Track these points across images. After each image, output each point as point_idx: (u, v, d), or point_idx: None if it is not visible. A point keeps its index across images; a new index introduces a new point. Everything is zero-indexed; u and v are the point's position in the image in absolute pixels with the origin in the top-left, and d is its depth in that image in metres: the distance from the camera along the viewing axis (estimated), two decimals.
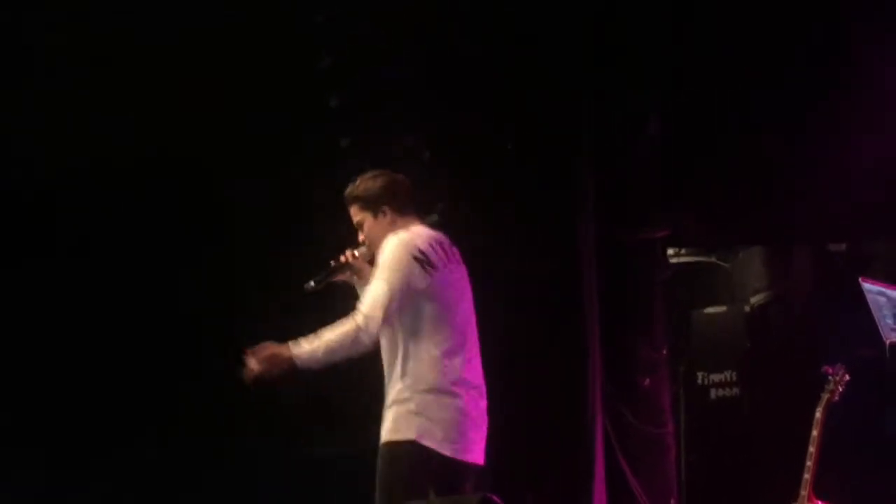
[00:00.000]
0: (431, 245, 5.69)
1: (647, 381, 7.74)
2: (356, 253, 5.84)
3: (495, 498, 4.13)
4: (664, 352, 7.83)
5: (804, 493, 6.26)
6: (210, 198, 8.36)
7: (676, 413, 7.92)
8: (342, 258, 5.84)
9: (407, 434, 5.47)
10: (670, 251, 8.04)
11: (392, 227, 5.75)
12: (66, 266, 8.51)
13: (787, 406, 7.36)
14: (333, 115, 7.86)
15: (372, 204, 5.78)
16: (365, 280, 5.77)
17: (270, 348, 5.57)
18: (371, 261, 5.78)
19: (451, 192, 7.31)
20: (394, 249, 5.63)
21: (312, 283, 5.81)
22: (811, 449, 6.29)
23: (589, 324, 7.48)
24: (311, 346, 5.51)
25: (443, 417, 5.50)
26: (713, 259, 8.18)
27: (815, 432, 6.33)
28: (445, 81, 7.69)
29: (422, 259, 5.61)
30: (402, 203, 5.82)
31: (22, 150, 8.28)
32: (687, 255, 8.16)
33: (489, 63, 7.58)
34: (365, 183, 5.85)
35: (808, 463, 6.28)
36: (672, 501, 7.69)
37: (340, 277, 5.88)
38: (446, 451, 5.48)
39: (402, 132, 7.61)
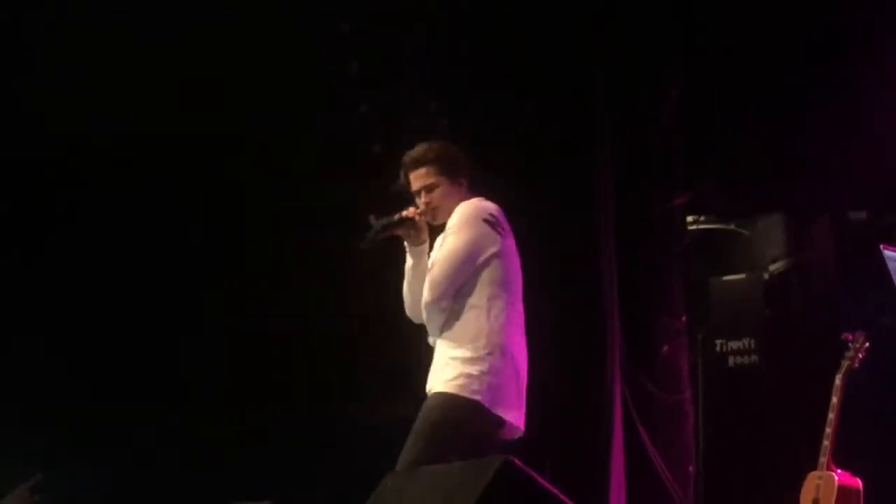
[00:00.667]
0: (501, 212, 5.72)
1: (666, 348, 7.75)
2: (419, 211, 5.78)
3: (516, 461, 4.14)
4: (683, 319, 7.82)
5: (823, 459, 6.28)
6: (233, 163, 8.39)
7: (694, 381, 7.93)
8: (406, 213, 5.76)
9: (472, 394, 5.46)
10: (689, 218, 8.04)
11: (463, 199, 5.74)
12: (92, 237, 8.55)
13: (806, 373, 7.38)
14: (352, 82, 7.86)
15: (450, 170, 5.76)
16: (419, 241, 5.77)
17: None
18: (430, 224, 5.80)
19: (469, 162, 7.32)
20: (466, 211, 5.65)
21: (372, 232, 5.74)
22: (830, 416, 6.31)
23: (608, 291, 7.48)
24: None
25: (508, 383, 5.53)
26: (732, 227, 8.16)
27: (834, 399, 6.34)
28: (464, 49, 7.68)
29: (492, 221, 5.63)
30: (468, 175, 5.83)
31: (48, 121, 8.31)
32: (706, 222, 8.15)
33: (508, 32, 7.56)
34: (445, 148, 5.83)
35: (828, 430, 6.30)
36: (690, 468, 7.71)
37: (399, 232, 5.81)
38: (509, 417, 5.52)
39: (420, 100, 7.61)
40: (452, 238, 5.63)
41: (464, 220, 5.64)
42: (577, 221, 7.50)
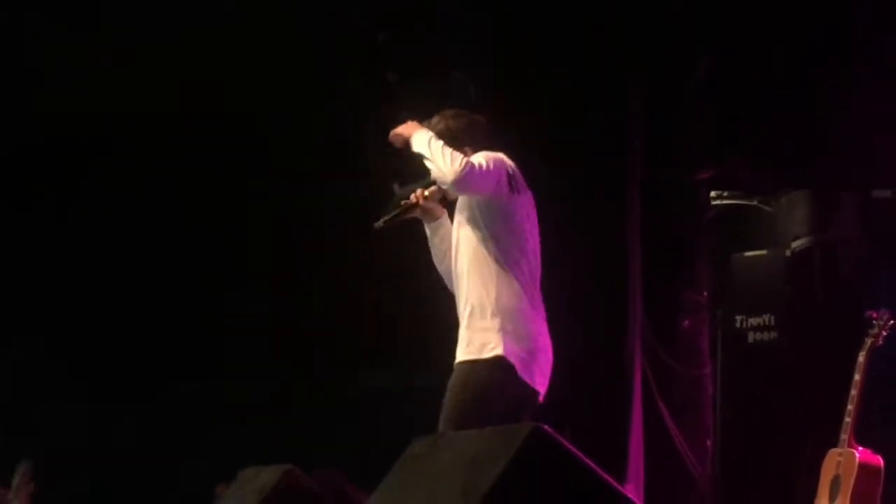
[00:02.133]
0: (518, 170, 5.64)
1: (687, 322, 7.74)
2: (426, 193, 5.74)
3: (546, 427, 4.12)
4: (704, 294, 7.81)
5: (845, 437, 6.25)
6: (259, 136, 8.38)
7: (714, 356, 7.91)
8: (412, 198, 5.74)
9: (491, 351, 5.43)
10: (713, 193, 8.01)
11: None
12: (123, 204, 8.58)
13: (827, 351, 7.35)
14: (381, 50, 7.84)
15: (454, 141, 5.64)
16: (435, 219, 5.76)
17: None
18: (442, 200, 5.74)
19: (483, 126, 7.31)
20: (488, 154, 5.54)
21: (381, 223, 5.76)
22: (853, 393, 6.28)
23: (630, 264, 7.47)
24: (437, 145, 5.51)
25: (525, 345, 5.49)
26: (755, 202, 8.11)
27: (857, 376, 6.31)
28: (495, 19, 7.66)
29: (510, 174, 5.55)
30: (482, 145, 5.70)
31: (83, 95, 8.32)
32: (729, 197, 8.11)
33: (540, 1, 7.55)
34: (446, 121, 5.74)
35: (850, 407, 6.27)
36: (708, 443, 7.71)
37: (410, 216, 5.80)
38: (527, 378, 5.47)
39: (450, 68, 7.59)
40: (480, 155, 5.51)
41: (485, 156, 5.51)
42: (601, 193, 7.50)
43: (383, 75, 7.57)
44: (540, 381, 5.56)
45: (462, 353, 5.58)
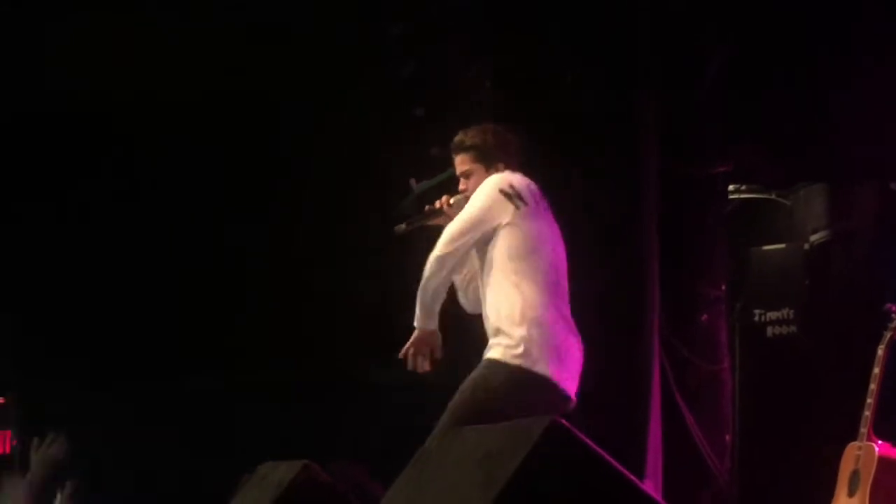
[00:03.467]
0: (528, 186, 5.67)
1: (705, 316, 7.71)
2: (451, 201, 5.81)
3: (563, 422, 4.11)
4: (722, 288, 7.79)
5: (864, 430, 6.24)
6: (271, 131, 8.39)
7: (732, 350, 7.89)
8: (437, 204, 5.82)
9: (512, 359, 5.47)
10: (730, 187, 7.99)
11: None
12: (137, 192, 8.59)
13: (845, 344, 7.34)
14: (395, 45, 7.85)
15: (487, 157, 5.74)
16: None
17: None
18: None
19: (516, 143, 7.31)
20: (486, 182, 5.65)
21: (404, 226, 5.81)
22: (872, 386, 6.27)
23: (648, 258, 7.45)
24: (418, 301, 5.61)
25: (545, 349, 5.50)
26: (773, 196, 8.10)
27: (876, 370, 6.30)
28: (506, 11, 7.64)
29: (508, 193, 5.58)
30: (513, 161, 5.77)
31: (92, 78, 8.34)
32: (747, 191, 8.10)
33: None
34: (481, 135, 5.79)
35: (869, 400, 6.26)
36: (727, 438, 7.68)
37: (433, 222, 5.85)
38: (553, 375, 5.50)
39: (463, 62, 7.58)
40: (468, 204, 5.64)
41: (480, 189, 5.64)
42: (619, 187, 7.47)
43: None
44: (570, 386, 5.58)
45: (488, 352, 5.61)
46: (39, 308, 8.76)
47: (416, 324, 5.66)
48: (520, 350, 5.47)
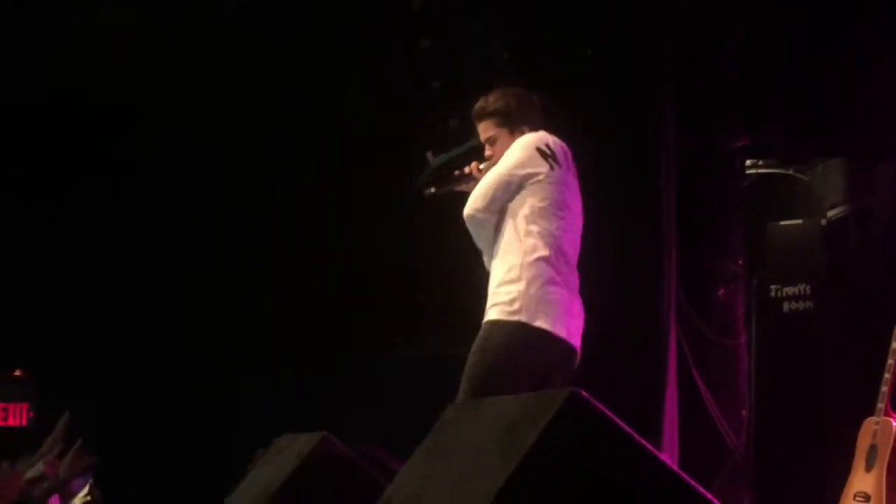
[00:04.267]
0: (563, 149, 5.65)
1: (722, 291, 7.71)
2: (480, 167, 5.77)
3: (584, 392, 4.11)
4: (739, 263, 7.78)
5: (881, 405, 6.22)
6: (296, 110, 8.40)
7: (749, 325, 7.88)
8: (466, 169, 5.77)
9: (512, 315, 5.44)
10: (748, 162, 7.97)
11: None
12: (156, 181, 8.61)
13: (862, 320, 7.32)
14: (413, 19, 7.84)
15: (510, 121, 5.71)
16: None
17: None
18: None
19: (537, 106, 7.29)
20: (521, 139, 5.62)
21: (433, 189, 5.78)
22: (890, 361, 6.24)
23: (665, 233, 7.45)
24: None
25: (551, 304, 5.48)
26: (791, 171, 8.07)
27: (894, 345, 6.28)
28: None
29: (545, 152, 5.57)
30: (537, 123, 5.74)
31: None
32: (764, 166, 8.07)
33: None
34: (503, 99, 5.75)
35: (887, 375, 6.23)
36: (743, 412, 7.68)
37: (461, 188, 5.81)
38: (556, 330, 5.47)
39: (481, 36, 7.57)
40: (502, 160, 5.60)
41: (516, 145, 5.61)
42: (637, 161, 7.47)
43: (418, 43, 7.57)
44: (574, 341, 5.55)
45: (487, 313, 5.58)
46: (58, 291, 8.81)
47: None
48: (516, 306, 5.44)
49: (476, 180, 5.71)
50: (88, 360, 8.54)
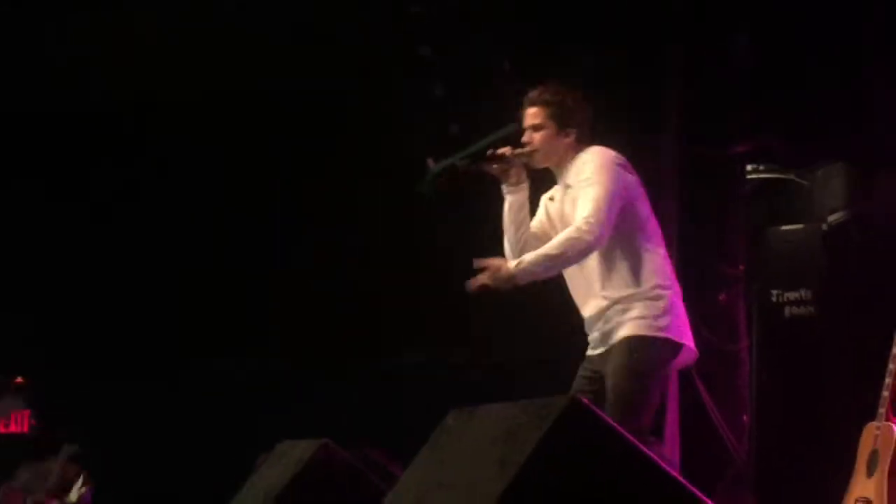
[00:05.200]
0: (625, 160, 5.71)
1: (723, 296, 7.70)
2: (515, 151, 5.71)
3: (584, 399, 4.11)
4: (740, 268, 7.78)
5: (882, 410, 6.21)
6: (302, 106, 8.42)
7: (750, 330, 7.88)
8: (500, 151, 5.68)
9: (660, 331, 5.52)
10: (748, 167, 7.96)
11: (568, 150, 5.70)
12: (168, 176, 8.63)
13: (864, 325, 7.31)
14: (414, 23, 7.85)
15: (564, 117, 5.70)
16: (516, 182, 5.72)
17: (498, 262, 5.51)
18: (525, 166, 5.71)
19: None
20: (597, 157, 5.63)
21: (467, 161, 5.68)
22: (891, 366, 6.24)
23: (666, 238, 7.44)
24: (531, 258, 5.46)
25: (681, 313, 5.61)
26: (792, 176, 8.06)
27: (894, 350, 6.28)
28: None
29: (623, 165, 5.65)
30: (585, 131, 5.76)
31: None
32: (765, 171, 8.06)
33: None
34: (562, 94, 5.74)
35: (888, 380, 6.23)
36: (745, 418, 7.67)
37: (491, 167, 5.72)
38: (690, 343, 5.62)
39: (483, 42, 7.58)
40: (594, 182, 5.56)
41: (600, 166, 5.61)
42: (637, 167, 7.45)
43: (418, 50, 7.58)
44: (690, 338, 5.68)
45: (621, 327, 5.59)
46: (59, 296, 8.81)
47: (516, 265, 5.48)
48: (664, 322, 5.52)
49: (507, 163, 5.67)
50: (88, 364, 8.56)
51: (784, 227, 8.05)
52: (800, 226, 8.01)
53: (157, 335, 8.75)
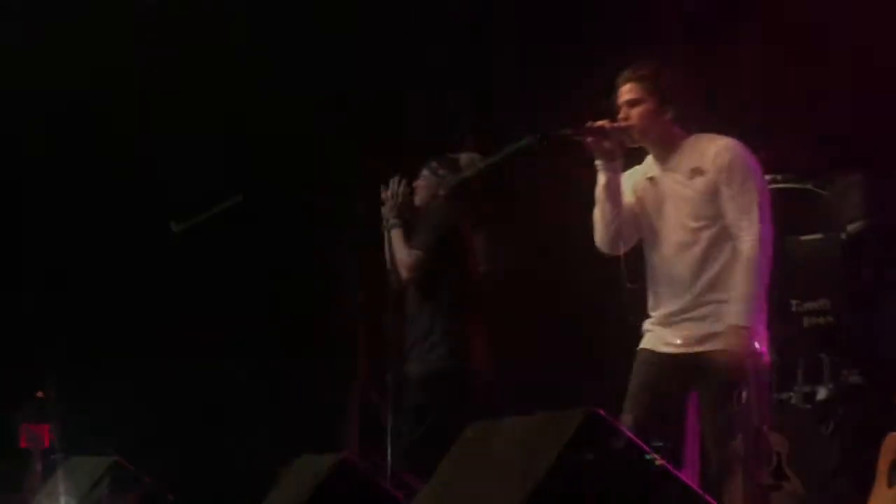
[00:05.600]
0: None
1: None
2: (613, 123, 5.64)
3: (601, 412, 4.13)
4: None
5: None
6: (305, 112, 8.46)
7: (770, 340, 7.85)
8: (598, 123, 5.61)
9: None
10: (766, 177, 7.94)
11: (666, 128, 5.66)
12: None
13: (883, 334, 7.30)
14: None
15: (662, 94, 5.63)
16: (611, 157, 5.67)
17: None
18: (622, 144, 5.67)
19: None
20: (745, 155, 5.77)
21: (570, 131, 5.60)
22: None
23: None
24: (739, 308, 5.72)
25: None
26: (809, 186, 8.05)
27: None
28: None
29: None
30: (679, 111, 5.70)
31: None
32: (783, 181, 8.04)
33: None
34: (666, 73, 5.68)
35: None
36: (764, 427, 7.64)
37: (587, 141, 5.64)
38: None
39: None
40: (752, 189, 5.76)
41: (755, 168, 5.80)
42: None
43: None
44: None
45: (702, 333, 5.74)
46: (77, 305, 8.83)
47: None
48: (753, 332, 5.68)
49: (607, 138, 5.62)
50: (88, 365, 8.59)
51: (802, 237, 8.04)
52: (818, 235, 8.01)
53: (171, 337, 8.76)
